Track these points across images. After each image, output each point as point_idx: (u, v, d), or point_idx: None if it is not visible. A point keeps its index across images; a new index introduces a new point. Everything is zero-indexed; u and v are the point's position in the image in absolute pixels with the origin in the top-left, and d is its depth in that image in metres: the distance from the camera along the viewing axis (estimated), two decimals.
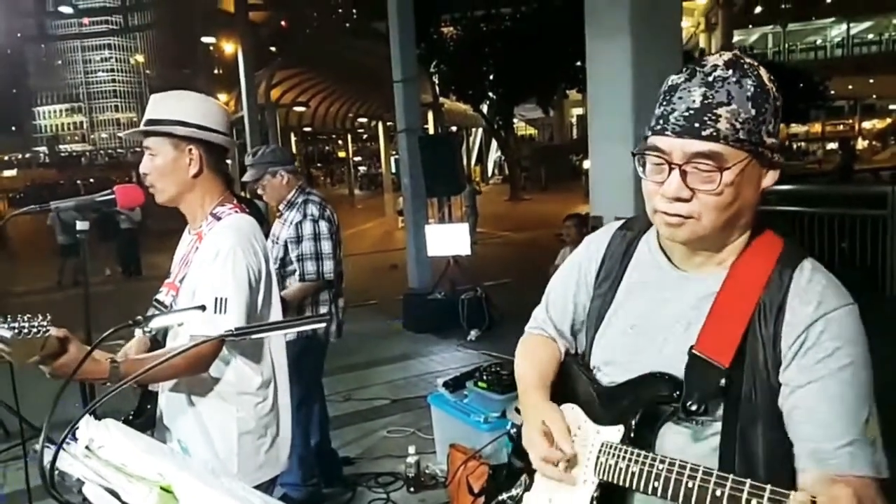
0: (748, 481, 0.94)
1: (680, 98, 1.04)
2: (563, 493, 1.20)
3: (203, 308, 1.56)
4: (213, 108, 1.96)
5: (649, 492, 1.04)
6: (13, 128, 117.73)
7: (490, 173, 39.63)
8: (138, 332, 2.00)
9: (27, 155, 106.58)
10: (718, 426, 1.09)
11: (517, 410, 1.46)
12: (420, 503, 3.38)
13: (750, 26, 46.00)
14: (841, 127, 46.94)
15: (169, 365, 1.69)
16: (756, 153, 1.04)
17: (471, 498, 3.12)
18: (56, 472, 0.69)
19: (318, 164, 52.41)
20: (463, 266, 7.32)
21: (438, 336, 6.54)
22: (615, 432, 1.14)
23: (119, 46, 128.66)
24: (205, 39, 23.51)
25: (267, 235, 3.40)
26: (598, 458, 1.14)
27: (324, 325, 1.73)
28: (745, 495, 0.93)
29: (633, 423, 1.13)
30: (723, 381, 1.05)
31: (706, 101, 1.02)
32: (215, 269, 1.80)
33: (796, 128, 42.47)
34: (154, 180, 1.89)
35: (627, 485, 1.08)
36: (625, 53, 5.01)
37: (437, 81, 22.70)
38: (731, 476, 0.96)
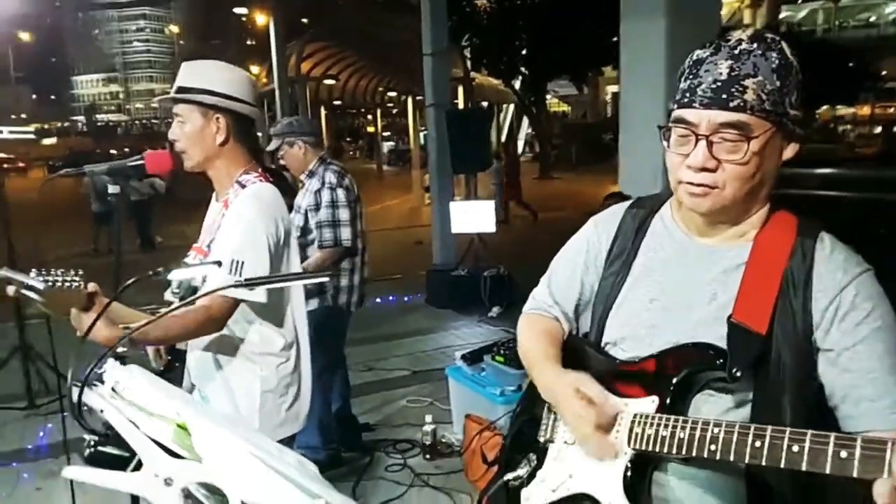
0: (832, 434, 0.90)
1: (707, 71, 1.07)
2: (589, 467, 1.18)
3: (219, 263, 1.63)
4: (241, 78, 2.02)
5: (704, 454, 1.01)
6: (52, 97, 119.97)
7: (520, 150, 39.33)
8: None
9: (65, 124, 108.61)
10: (748, 394, 1.11)
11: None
12: (436, 469, 3.46)
13: (798, 1, 44.45)
14: (892, 110, 45.08)
15: (182, 324, 1.76)
16: (780, 124, 1.07)
17: (484, 467, 3.20)
18: (84, 408, 0.76)
19: (348, 139, 52.55)
20: (487, 243, 7.35)
21: (460, 312, 6.61)
22: (648, 403, 1.13)
23: (153, 17, 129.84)
24: (237, 10, 23.52)
25: (292, 206, 3.49)
26: (631, 429, 1.12)
27: (327, 279, 1.77)
28: (831, 447, 0.88)
29: (670, 392, 1.12)
30: (761, 348, 1.08)
31: (733, 73, 1.05)
32: (235, 233, 1.87)
33: (843, 110, 41.05)
34: (183, 146, 1.95)
35: (674, 451, 1.06)
36: (659, 31, 4.94)
37: (468, 56, 22.51)
38: (808, 431, 0.92)
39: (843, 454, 0.87)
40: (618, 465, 1.13)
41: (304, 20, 23.13)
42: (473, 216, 7.12)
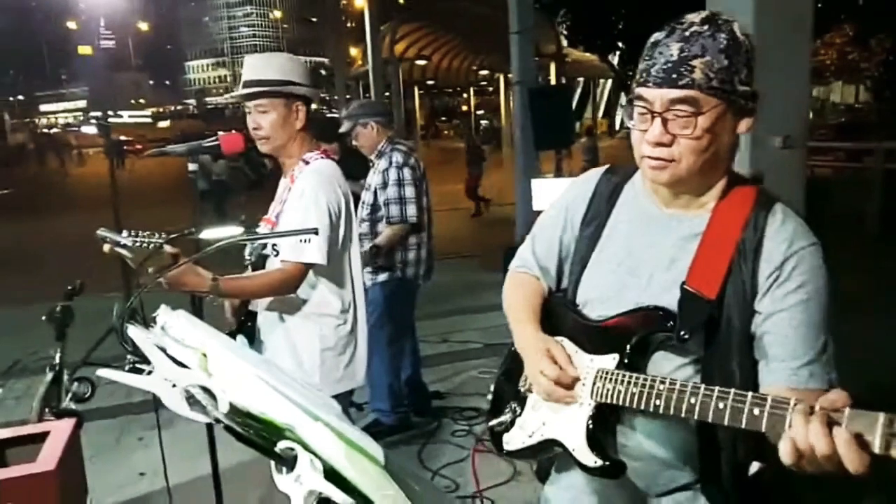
0: (749, 393, 1.00)
1: (660, 53, 1.17)
2: (558, 416, 1.31)
3: (316, 231, 1.85)
4: (305, 67, 2.22)
5: (650, 409, 1.13)
6: (167, 82, 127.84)
7: (618, 126, 38.33)
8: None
9: (178, 107, 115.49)
10: (700, 353, 1.21)
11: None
12: None
13: None
14: None
15: (260, 284, 2.03)
16: (729, 100, 1.15)
17: None
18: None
19: (443, 118, 53.07)
20: None
21: None
22: (610, 360, 1.25)
23: (259, 2, 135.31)
24: None
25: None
26: (594, 383, 1.25)
27: (312, 234, 1.90)
28: (747, 406, 0.99)
29: (628, 351, 1.23)
30: (710, 312, 1.18)
31: (682, 54, 1.14)
32: (301, 206, 2.08)
33: None
34: (267, 133, 2.15)
35: (627, 404, 1.18)
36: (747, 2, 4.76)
37: (564, 31, 22.13)
38: (732, 390, 1.02)
39: (756, 411, 0.98)
40: (582, 415, 1.26)
41: (400, 1, 23.45)
42: (555, 193, 7.09)
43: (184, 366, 0.84)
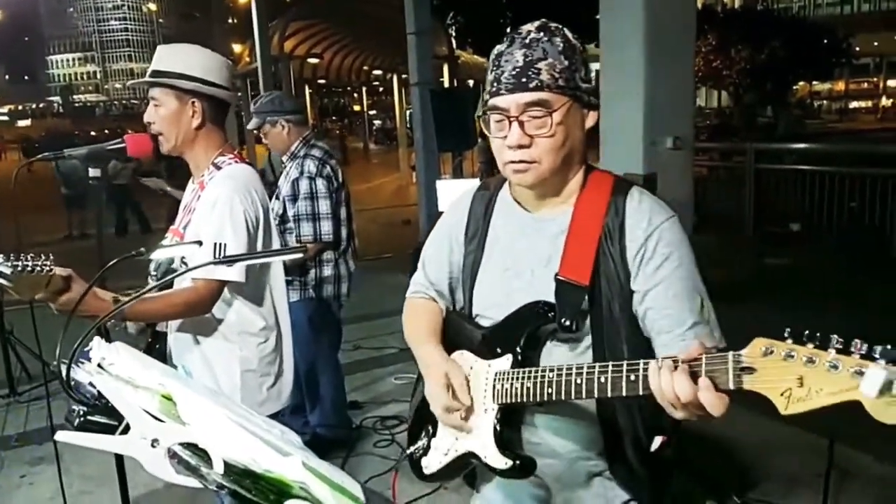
0: (625, 363, 1.08)
1: (506, 61, 1.24)
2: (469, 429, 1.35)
3: (199, 243, 1.65)
4: (217, 62, 2.00)
5: (545, 398, 1.19)
6: (26, 77, 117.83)
7: None
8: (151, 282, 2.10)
9: (41, 105, 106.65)
10: (590, 338, 1.29)
11: None
12: None
13: None
14: (865, 85, 45.98)
15: (168, 305, 1.82)
16: (575, 96, 1.24)
17: None
18: (72, 382, 0.78)
19: (333, 118, 52.26)
20: None
21: None
22: (505, 361, 1.30)
23: None
24: None
25: (275, 184, 3.44)
26: (494, 387, 1.30)
27: (300, 254, 1.77)
28: (624, 374, 1.07)
29: (519, 348, 1.29)
30: (586, 297, 1.26)
31: (527, 59, 1.22)
32: (214, 215, 1.87)
33: (818, 86, 41.78)
34: (159, 129, 1.95)
35: (525, 399, 1.23)
36: (637, 8, 4.96)
37: (453, 34, 22.37)
38: (610, 364, 1.10)
39: (632, 377, 1.06)
40: (489, 420, 1.30)
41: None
42: (459, 194, 7.12)
43: (153, 416, 0.69)
